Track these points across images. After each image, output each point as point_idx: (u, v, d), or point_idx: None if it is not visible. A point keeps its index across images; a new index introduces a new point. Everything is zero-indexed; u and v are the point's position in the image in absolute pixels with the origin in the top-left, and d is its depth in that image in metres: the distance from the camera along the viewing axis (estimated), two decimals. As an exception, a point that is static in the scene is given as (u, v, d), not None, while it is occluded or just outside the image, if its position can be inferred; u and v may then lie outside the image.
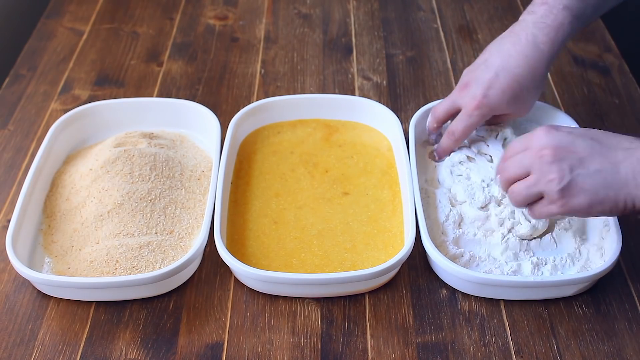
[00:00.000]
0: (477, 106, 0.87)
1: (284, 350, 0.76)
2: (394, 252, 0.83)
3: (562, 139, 0.72)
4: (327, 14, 1.27)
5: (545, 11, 0.86)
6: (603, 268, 0.78)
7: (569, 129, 0.74)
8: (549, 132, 0.73)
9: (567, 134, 0.73)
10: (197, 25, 1.24)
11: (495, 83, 0.86)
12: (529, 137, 0.75)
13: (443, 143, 0.92)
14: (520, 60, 0.86)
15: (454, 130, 0.90)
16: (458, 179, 0.89)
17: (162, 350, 0.76)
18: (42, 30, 1.22)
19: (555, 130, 0.74)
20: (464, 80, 0.89)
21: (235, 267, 0.79)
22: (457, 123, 0.89)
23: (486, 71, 0.87)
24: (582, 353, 0.76)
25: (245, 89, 1.11)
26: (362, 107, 1.01)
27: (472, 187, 0.87)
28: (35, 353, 0.76)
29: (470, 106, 0.87)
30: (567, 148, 0.72)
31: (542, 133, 0.74)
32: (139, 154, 0.90)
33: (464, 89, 0.89)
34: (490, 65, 0.87)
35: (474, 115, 0.88)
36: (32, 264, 0.83)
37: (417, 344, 0.77)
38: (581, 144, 0.72)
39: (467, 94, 0.88)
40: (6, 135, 1.02)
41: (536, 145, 0.73)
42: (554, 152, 0.72)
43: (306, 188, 0.92)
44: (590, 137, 0.72)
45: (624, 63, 1.15)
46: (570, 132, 0.73)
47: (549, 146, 0.72)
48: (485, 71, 0.87)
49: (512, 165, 0.76)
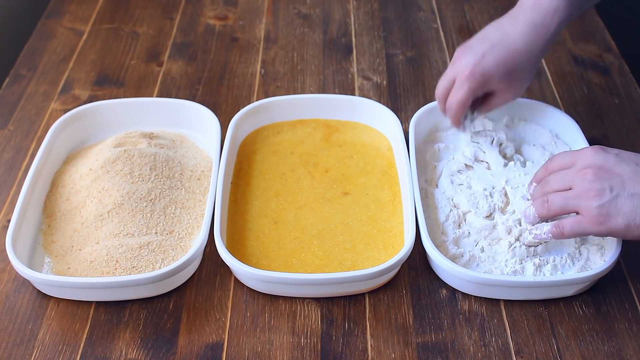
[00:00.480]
0: (469, 75, 0.85)
1: (284, 350, 0.76)
2: (394, 252, 0.83)
3: (607, 160, 0.73)
4: (327, 14, 1.27)
5: None
6: (603, 268, 0.78)
7: (616, 151, 0.75)
8: (597, 153, 0.75)
9: (614, 156, 0.74)
10: (197, 25, 1.24)
11: (490, 54, 0.85)
12: (575, 155, 0.77)
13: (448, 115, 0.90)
14: (517, 37, 0.86)
15: (448, 107, 0.88)
16: (459, 188, 0.89)
17: (162, 350, 0.76)
18: (42, 30, 1.23)
19: (603, 151, 0.75)
20: (459, 51, 0.88)
21: (235, 267, 0.79)
22: (450, 97, 0.88)
23: (481, 43, 0.87)
24: (582, 353, 0.76)
25: (245, 89, 1.11)
26: (362, 107, 1.01)
27: (474, 197, 0.87)
28: (35, 353, 0.76)
29: (463, 75, 0.86)
30: (610, 170, 0.73)
31: (589, 152, 0.75)
32: (139, 154, 0.90)
33: (457, 60, 0.88)
34: (486, 39, 0.87)
35: (465, 85, 0.86)
36: (32, 264, 0.83)
37: (417, 344, 0.77)
38: (626, 167, 0.73)
39: (460, 64, 0.87)
40: (6, 135, 1.02)
41: (581, 164, 0.75)
42: (597, 171, 0.73)
43: (306, 188, 0.92)
44: (635, 162, 0.73)
45: (624, 63, 1.15)
46: (617, 154, 0.74)
47: (594, 165, 0.74)
48: (480, 43, 0.87)
49: (555, 180, 0.77)
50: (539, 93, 1.09)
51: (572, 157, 0.77)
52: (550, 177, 0.78)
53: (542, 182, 0.80)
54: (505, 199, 0.87)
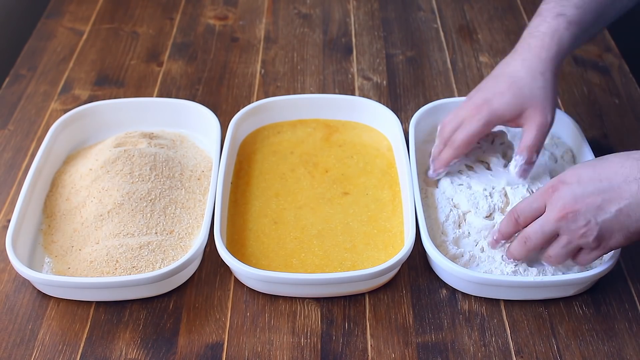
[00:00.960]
0: (477, 110, 0.86)
1: (284, 350, 0.76)
2: (394, 252, 0.83)
3: (575, 193, 0.73)
4: (327, 14, 1.27)
5: (539, 21, 0.88)
6: (603, 268, 0.78)
7: (575, 178, 0.73)
8: (561, 190, 0.74)
9: (577, 185, 0.73)
10: (197, 25, 1.24)
11: (496, 88, 0.86)
12: (540, 199, 0.76)
13: (442, 154, 0.89)
14: (517, 65, 0.86)
15: (454, 139, 0.87)
16: (459, 189, 0.89)
17: (162, 350, 0.76)
18: (42, 30, 1.23)
19: (565, 185, 0.74)
20: (469, 95, 0.89)
21: (235, 267, 0.79)
22: (458, 132, 0.87)
23: (488, 81, 0.88)
24: (582, 353, 0.76)
25: (245, 89, 1.11)
26: (362, 107, 1.01)
27: (474, 197, 0.87)
28: (35, 353, 0.76)
29: (471, 112, 0.86)
30: (582, 201, 0.72)
31: (555, 194, 0.74)
32: (139, 154, 0.90)
33: (467, 101, 0.88)
34: (491, 76, 0.88)
35: (474, 121, 0.86)
36: (32, 264, 0.83)
37: (417, 344, 0.77)
38: (592, 190, 0.72)
39: (469, 104, 0.87)
40: (6, 135, 1.02)
41: (553, 209, 0.74)
42: (572, 209, 0.73)
43: (306, 188, 0.92)
44: (598, 180, 0.72)
45: (624, 63, 1.15)
46: (578, 181, 0.73)
47: (566, 206, 0.73)
48: (487, 81, 0.88)
49: (535, 234, 0.76)
50: (539, 93, 1.09)
51: (538, 202, 0.76)
52: (529, 233, 0.77)
53: (520, 239, 0.78)
54: (505, 199, 0.87)
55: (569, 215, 0.73)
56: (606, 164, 0.73)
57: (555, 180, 0.75)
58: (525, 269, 0.81)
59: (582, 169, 0.74)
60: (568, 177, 0.74)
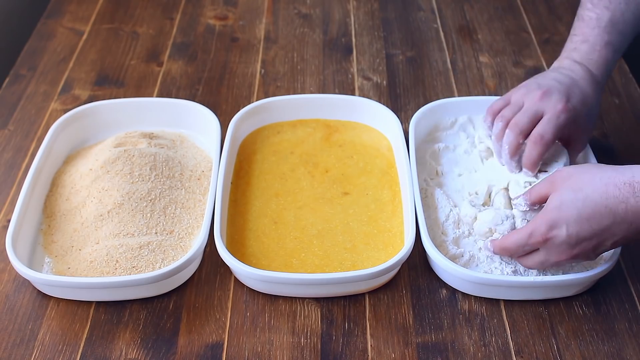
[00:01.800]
0: (563, 109, 0.83)
1: (284, 350, 0.76)
2: (394, 252, 0.83)
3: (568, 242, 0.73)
4: (327, 14, 1.27)
5: (589, 48, 0.87)
6: (603, 268, 0.78)
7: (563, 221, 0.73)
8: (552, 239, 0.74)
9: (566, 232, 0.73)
10: (197, 25, 1.24)
11: (573, 96, 0.85)
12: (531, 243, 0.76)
13: (531, 153, 0.85)
14: (586, 85, 0.86)
15: (542, 134, 0.83)
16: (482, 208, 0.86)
17: (162, 350, 0.76)
18: (42, 30, 1.23)
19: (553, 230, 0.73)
20: (541, 89, 0.85)
21: (235, 267, 0.79)
22: (545, 126, 0.83)
23: (560, 84, 0.85)
24: (582, 353, 0.76)
25: (245, 89, 1.11)
26: (362, 107, 1.01)
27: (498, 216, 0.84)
28: (35, 353, 0.76)
29: (557, 109, 0.83)
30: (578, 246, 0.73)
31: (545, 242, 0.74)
32: (139, 154, 0.90)
33: (544, 97, 0.84)
34: (562, 82, 0.85)
35: (561, 117, 0.83)
36: (32, 264, 0.83)
37: (417, 344, 0.77)
38: (585, 235, 0.72)
39: (550, 100, 0.84)
40: (6, 135, 1.02)
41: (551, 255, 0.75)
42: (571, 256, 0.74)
43: (306, 188, 0.92)
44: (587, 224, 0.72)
45: (624, 63, 1.15)
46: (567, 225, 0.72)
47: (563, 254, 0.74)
48: (560, 84, 0.85)
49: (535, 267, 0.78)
50: (539, 93, 1.09)
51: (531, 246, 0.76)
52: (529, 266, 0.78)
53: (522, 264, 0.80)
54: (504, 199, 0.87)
55: (569, 259, 0.75)
56: (589, 205, 0.72)
57: (543, 227, 0.74)
58: (525, 270, 0.81)
59: (566, 212, 0.73)
60: (555, 224, 0.73)
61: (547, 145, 0.84)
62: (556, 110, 0.83)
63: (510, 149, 0.86)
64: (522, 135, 0.85)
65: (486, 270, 0.81)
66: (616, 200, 0.70)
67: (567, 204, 0.73)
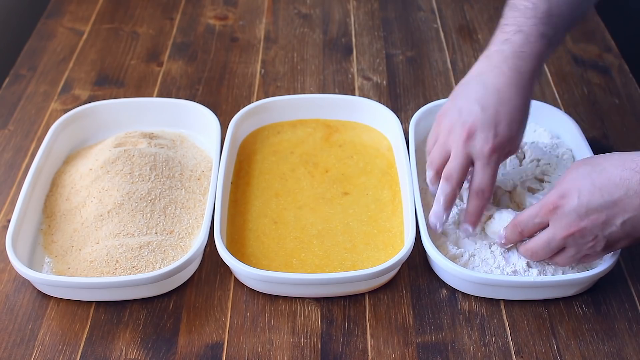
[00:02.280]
0: (492, 150, 0.79)
1: (284, 350, 0.76)
2: (394, 252, 0.83)
3: (577, 211, 0.73)
4: (327, 14, 1.27)
5: (522, 40, 0.81)
6: (603, 268, 0.78)
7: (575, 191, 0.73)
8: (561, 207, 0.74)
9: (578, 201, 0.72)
10: (197, 25, 1.24)
11: (500, 120, 0.79)
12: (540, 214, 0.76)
13: (472, 207, 0.81)
14: (512, 92, 0.80)
15: (481, 188, 0.80)
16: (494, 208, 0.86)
17: (162, 350, 0.76)
18: (42, 30, 1.23)
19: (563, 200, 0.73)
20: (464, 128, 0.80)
21: (235, 267, 0.79)
22: (480, 178, 0.80)
23: (484, 113, 0.79)
24: (582, 353, 0.76)
25: (245, 89, 1.11)
26: (362, 107, 1.01)
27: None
28: (35, 353, 0.76)
29: (485, 152, 0.79)
30: (587, 218, 0.73)
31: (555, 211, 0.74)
32: (139, 154, 0.90)
33: (469, 139, 0.79)
34: (486, 106, 0.80)
35: (492, 160, 0.79)
36: (32, 264, 0.83)
37: (417, 344, 0.77)
38: (596, 207, 0.72)
39: (475, 142, 0.79)
40: (6, 135, 1.02)
41: (558, 227, 0.75)
42: (578, 228, 0.74)
43: (306, 188, 0.92)
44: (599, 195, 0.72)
45: (624, 63, 1.15)
46: (579, 195, 0.72)
47: (571, 224, 0.74)
48: (483, 113, 0.79)
49: (543, 250, 0.78)
50: (538, 93, 1.09)
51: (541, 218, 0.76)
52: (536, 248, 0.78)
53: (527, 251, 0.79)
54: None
55: (576, 233, 0.74)
56: (604, 175, 0.72)
57: (555, 196, 0.75)
58: (525, 270, 0.80)
59: (581, 181, 0.73)
60: (568, 192, 0.74)
61: (488, 199, 0.81)
62: (484, 154, 0.79)
63: (446, 201, 0.81)
64: (458, 186, 0.81)
65: (486, 270, 0.81)
66: (632, 172, 0.71)
67: (582, 174, 0.73)
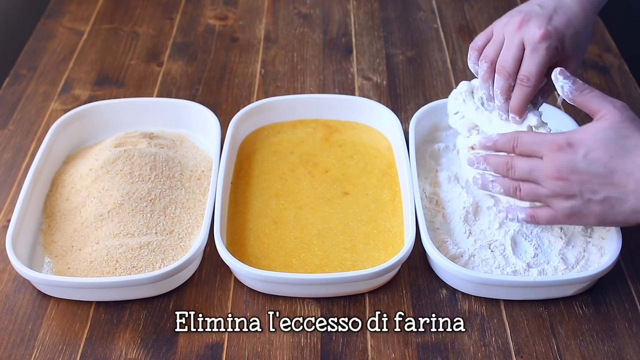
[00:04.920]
0: (542, 36, 0.79)
1: (284, 350, 0.76)
2: (394, 252, 0.83)
3: (577, 164, 0.72)
4: (327, 14, 1.27)
5: None
6: (603, 268, 0.78)
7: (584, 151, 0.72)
8: (565, 153, 0.73)
9: (583, 158, 0.72)
10: (197, 25, 1.24)
11: (556, 16, 0.81)
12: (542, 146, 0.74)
13: (516, 96, 0.81)
14: (573, 4, 0.82)
15: (527, 75, 0.80)
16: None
17: (162, 350, 0.76)
18: (42, 30, 1.23)
19: (572, 150, 0.72)
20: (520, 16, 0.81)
21: (235, 267, 0.79)
22: (527, 64, 0.80)
23: (542, 8, 0.81)
24: (582, 353, 0.76)
25: (245, 89, 1.11)
26: (362, 107, 1.01)
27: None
28: (35, 353, 0.76)
29: (536, 38, 0.79)
30: (579, 176, 0.72)
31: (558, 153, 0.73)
32: (139, 154, 0.90)
33: (523, 25, 0.80)
34: (545, 4, 0.82)
35: (541, 48, 0.79)
36: (32, 264, 0.83)
37: (417, 344, 0.77)
38: (594, 173, 0.72)
39: (529, 27, 0.80)
40: (6, 135, 1.02)
41: (549, 166, 0.74)
42: (566, 177, 0.73)
43: (306, 188, 0.92)
44: (603, 165, 0.71)
45: (624, 63, 1.15)
46: (585, 154, 0.72)
47: (562, 172, 0.73)
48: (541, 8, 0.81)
49: (521, 171, 0.76)
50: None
51: (540, 148, 0.75)
52: (517, 166, 0.76)
53: (504, 163, 0.77)
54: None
55: (560, 181, 0.73)
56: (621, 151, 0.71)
57: (563, 139, 0.73)
58: (525, 270, 0.81)
59: (595, 142, 0.72)
60: (578, 143, 0.73)
61: (535, 87, 0.80)
62: (534, 39, 0.79)
63: (503, 94, 0.82)
64: (512, 77, 0.81)
65: (486, 270, 0.81)
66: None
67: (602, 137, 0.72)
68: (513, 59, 0.81)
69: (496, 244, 0.83)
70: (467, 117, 0.88)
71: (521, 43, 0.81)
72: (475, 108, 0.88)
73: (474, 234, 0.85)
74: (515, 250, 0.83)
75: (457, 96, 0.90)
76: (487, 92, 0.85)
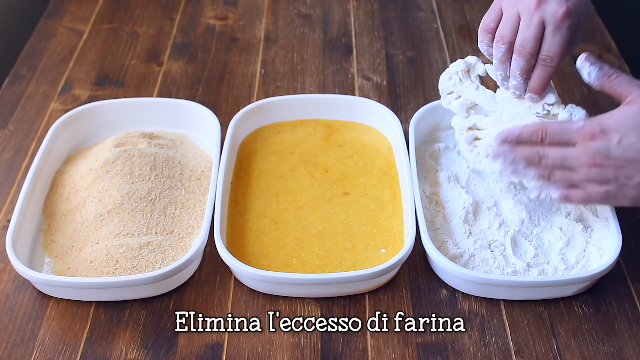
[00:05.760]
0: (565, 14, 0.77)
1: (284, 350, 0.76)
2: (394, 252, 0.83)
3: (611, 150, 0.72)
4: (327, 14, 1.27)
5: None
6: (603, 268, 0.78)
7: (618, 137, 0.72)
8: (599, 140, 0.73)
9: (617, 145, 0.72)
10: (197, 25, 1.24)
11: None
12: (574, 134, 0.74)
13: (537, 76, 0.80)
14: None
15: (549, 55, 0.79)
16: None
17: (162, 350, 0.76)
18: (42, 30, 1.23)
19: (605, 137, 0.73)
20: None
21: (235, 267, 0.79)
22: (549, 44, 0.78)
23: None
24: (582, 353, 0.76)
25: (245, 89, 1.11)
26: (362, 107, 1.01)
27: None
28: (35, 353, 0.76)
29: (558, 16, 0.77)
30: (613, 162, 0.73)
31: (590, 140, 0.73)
32: (139, 154, 0.90)
33: (542, 1, 0.78)
34: None
35: (564, 27, 0.77)
36: (32, 264, 0.83)
37: (417, 344, 0.77)
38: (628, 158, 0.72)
39: (548, 5, 0.77)
40: (6, 135, 1.02)
41: (583, 154, 0.74)
42: (601, 164, 0.73)
43: (306, 188, 0.92)
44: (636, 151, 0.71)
45: (624, 63, 1.15)
46: (619, 141, 0.72)
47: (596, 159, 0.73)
48: None
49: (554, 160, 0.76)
50: (539, 93, 1.09)
51: (571, 137, 0.75)
52: (549, 152, 0.76)
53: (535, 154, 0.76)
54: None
55: (595, 167, 0.73)
56: None
57: (596, 126, 0.73)
58: (525, 270, 0.81)
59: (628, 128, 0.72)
60: (610, 130, 0.73)
61: (557, 66, 0.80)
62: (557, 18, 0.77)
63: (523, 74, 0.81)
64: (533, 57, 0.80)
65: (486, 270, 0.81)
66: None
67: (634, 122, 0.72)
68: (534, 39, 0.79)
69: (496, 244, 0.83)
70: (465, 97, 0.88)
71: (541, 22, 0.78)
72: (475, 87, 0.87)
73: (474, 234, 0.85)
74: (515, 250, 0.83)
75: (451, 76, 0.88)
76: (504, 73, 0.83)
